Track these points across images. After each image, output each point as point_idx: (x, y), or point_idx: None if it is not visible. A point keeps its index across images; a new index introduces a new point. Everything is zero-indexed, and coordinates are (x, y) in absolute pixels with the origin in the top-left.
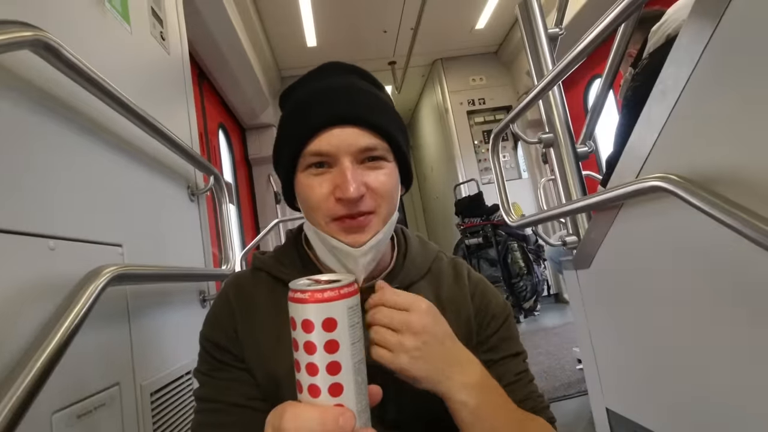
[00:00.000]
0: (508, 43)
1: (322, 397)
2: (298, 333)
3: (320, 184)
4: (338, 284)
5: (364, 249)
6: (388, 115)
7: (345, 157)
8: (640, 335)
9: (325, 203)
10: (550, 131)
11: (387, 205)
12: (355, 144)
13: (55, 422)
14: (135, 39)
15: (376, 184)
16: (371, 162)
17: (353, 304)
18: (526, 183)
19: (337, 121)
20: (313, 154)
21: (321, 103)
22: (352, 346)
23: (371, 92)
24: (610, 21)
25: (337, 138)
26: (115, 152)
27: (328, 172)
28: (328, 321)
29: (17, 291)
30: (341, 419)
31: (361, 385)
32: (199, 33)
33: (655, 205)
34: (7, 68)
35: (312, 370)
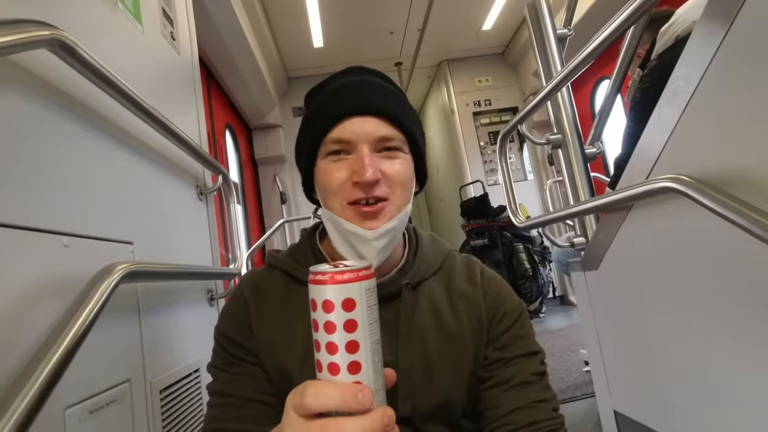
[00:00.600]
0: (514, 44)
1: (341, 374)
2: (318, 314)
3: (339, 170)
4: (356, 267)
5: (378, 231)
6: (406, 109)
7: (363, 145)
8: (648, 337)
9: (342, 187)
10: (558, 132)
11: (401, 194)
12: (373, 133)
13: (68, 417)
14: (146, 39)
15: (391, 172)
16: (388, 151)
17: (370, 286)
18: (532, 184)
19: (358, 111)
20: (334, 142)
21: (342, 96)
22: (369, 326)
23: (391, 90)
24: (622, 21)
25: (357, 126)
26: (127, 151)
27: (347, 158)
28: (348, 301)
29: (32, 286)
30: (360, 395)
31: (377, 364)
32: (207, 34)
33: (665, 206)
34: (25, 67)
35: (331, 349)
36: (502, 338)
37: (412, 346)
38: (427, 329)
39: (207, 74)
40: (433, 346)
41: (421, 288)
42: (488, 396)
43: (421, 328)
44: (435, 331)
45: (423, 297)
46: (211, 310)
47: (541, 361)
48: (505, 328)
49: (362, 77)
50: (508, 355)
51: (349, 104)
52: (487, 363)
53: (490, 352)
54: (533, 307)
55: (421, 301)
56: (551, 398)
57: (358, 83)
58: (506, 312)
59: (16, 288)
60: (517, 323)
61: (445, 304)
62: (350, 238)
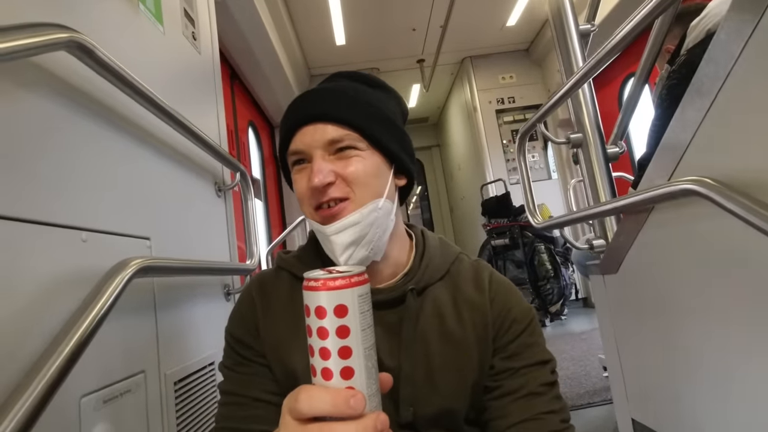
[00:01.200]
0: (539, 40)
1: (334, 380)
2: (311, 319)
3: (301, 179)
4: (349, 273)
5: (336, 226)
6: (362, 108)
7: (316, 151)
8: (668, 344)
9: (305, 194)
10: (579, 131)
11: (363, 190)
12: (322, 138)
13: (83, 405)
14: (167, 39)
15: (346, 172)
16: (342, 152)
17: (363, 292)
18: (556, 184)
19: (307, 120)
20: (292, 154)
21: (297, 108)
22: (362, 332)
23: (351, 92)
24: (645, 15)
25: (308, 135)
26: (146, 149)
27: (308, 167)
28: (340, 307)
29: (52, 279)
30: (352, 401)
31: (371, 370)
32: (230, 33)
33: (687, 209)
34: (45, 68)
35: (324, 355)
36: (509, 347)
37: (415, 351)
38: (430, 335)
39: (231, 73)
40: (436, 351)
41: (426, 293)
42: (495, 406)
43: (425, 334)
44: (438, 336)
45: (428, 302)
46: (227, 305)
47: (552, 370)
48: (513, 336)
49: (330, 83)
50: (516, 365)
51: (299, 115)
52: (493, 372)
53: (497, 361)
54: (554, 309)
55: (426, 306)
56: (560, 409)
57: (313, 91)
58: (514, 319)
59: (36, 280)
60: (526, 331)
61: (449, 310)
62: (319, 236)
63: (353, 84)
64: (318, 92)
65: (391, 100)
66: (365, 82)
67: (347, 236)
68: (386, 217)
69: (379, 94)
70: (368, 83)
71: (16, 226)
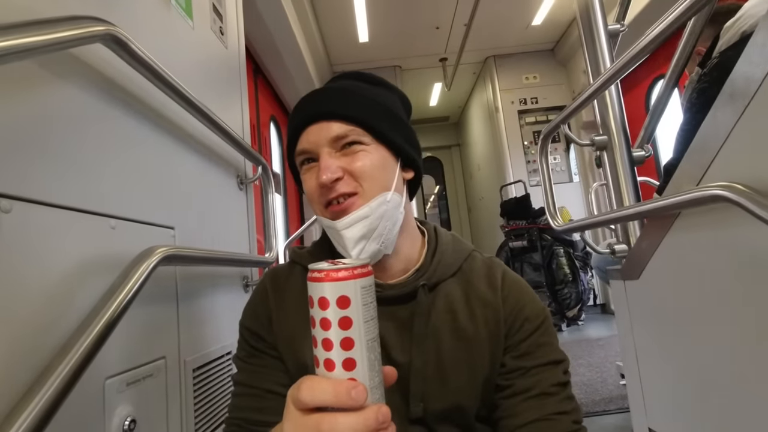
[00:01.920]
0: (565, 39)
1: (337, 371)
2: (315, 310)
3: (310, 177)
4: (352, 265)
5: (345, 221)
6: (364, 104)
7: (322, 149)
8: (690, 354)
9: (315, 194)
10: (604, 133)
11: (371, 184)
12: (327, 135)
13: (107, 386)
14: (196, 34)
15: (353, 167)
16: (349, 147)
17: (367, 284)
18: (577, 187)
19: (312, 119)
20: (300, 153)
21: (302, 108)
22: (365, 324)
23: (354, 89)
24: (678, 15)
25: (313, 134)
26: (173, 140)
27: (315, 165)
28: (342, 299)
29: (81, 264)
30: (353, 392)
31: (374, 362)
32: (256, 28)
33: (715, 216)
34: (81, 60)
35: (327, 346)
36: (521, 346)
37: (426, 346)
38: (442, 330)
39: (254, 67)
40: (447, 347)
41: (438, 289)
42: (506, 405)
43: (436, 330)
44: (449, 332)
45: (440, 298)
46: (245, 296)
47: (564, 371)
48: (526, 335)
49: (333, 83)
50: (527, 364)
51: (303, 114)
52: (505, 371)
53: (509, 359)
54: (572, 314)
55: (438, 302)
56: (572, 410)
57: (318, 92)
58: (527, 318)
59: (67, 264)
60: (539, 330)
61: (461, 307)
62: (330, 232)
63: (355, 83)
64: (321, 92)
65: (394, 95)
66: (368, 81)
67: (358, 230)
68: (395, 209)
69: (381, 90)
70: (371, 81)
71: (50, 211)
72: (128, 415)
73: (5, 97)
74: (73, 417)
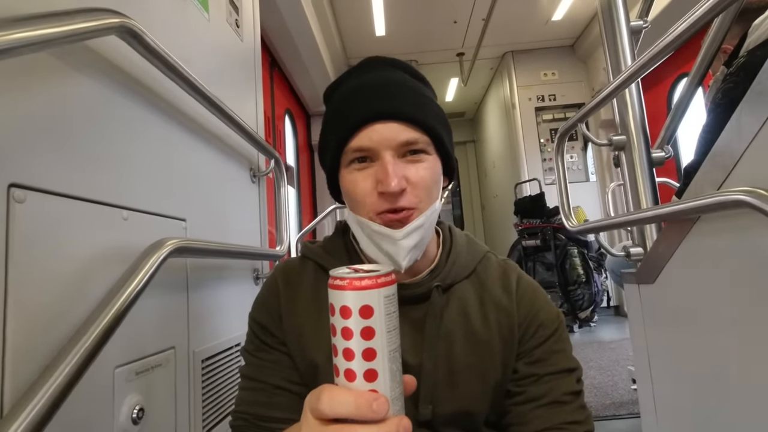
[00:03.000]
0: (586, 35)
1: (357, 382)
2: (336, 319)
3: (364, 179)
4: (376, 273)
5: (405, 230)
6: (429, 108)
7: (386, 152)
8: (705, 362)
9: (368, 198)
10: (622, 133)
11: (427, 198)
12: (395, 138)
13: (117, 375)
14: (212, 26)
15: (417, 178)
16: (412, 155)
17: (390, 293)
18: (594, 186)
19: (378, 116)
20: (355, 150)
21: (362, 100)
22: (387, 334)
23: (412, 86)
24: (705, 12)
25: (378, 133)
26: (186, 132)
27: (371, 166)
28: (365, 308)
29: (94, 254)
30: (375, 404)
31: (395, 373)
32: (272, 21)
33: (737, 221)
34: (97, 52)
35: (348, 356)
36: (535, 352)
37: (438, 348)
38: (454, 333)
39: (270, 60)
40: (459, 351)
41: (452, 291)
42: (517, 412)
43: (449, 332)
44: (462, 335)
45: (453, 300)
46: (255, 289)
47: (578, 379)
48: (539, 341)
49: (381, 72)
50: (540, 371)
51: (368, 109)
52: (517, 377)
53: (522, 366)
54: (584, 315)
55: (451, 304)
56: (584, 420)
57: (377, 83)
58: (541, 324)
59: (79, 255)
60: (553, 337)
61: (475, 310)
62: (377, 238)
63: (403, 75)
64: (381, 86)
65: (433, 94)
66: (409, 73)
67: (412, 240)
68: (436, 219)
69: (425, 87)
70: (412, 74)
71: (63, 201)
72: (137, 404)
73: (21, 88)
74: (82, 405)
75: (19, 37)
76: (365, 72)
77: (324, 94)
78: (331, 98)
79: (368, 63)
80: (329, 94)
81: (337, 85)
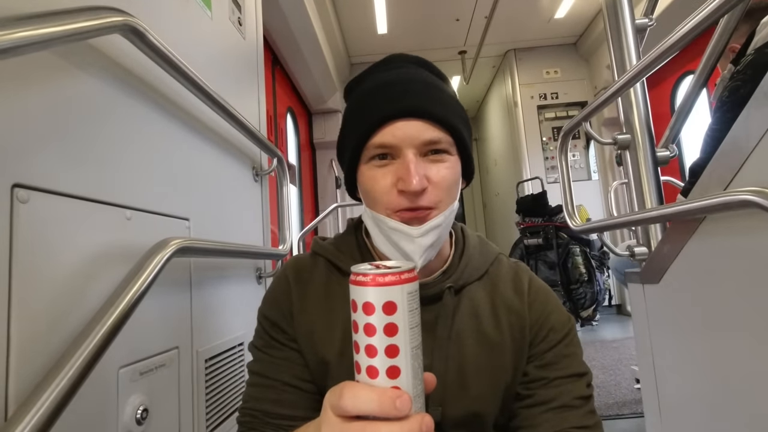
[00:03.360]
0: (589, 33)
1: (380, 378)
2: (358, 315)
3: (384, 176)
4: (399, 269)
5: (423, 228)
6: (452, 107)
7: (408, 150)
8: (710, 363)
9: (387, 195)
10: (627, 132)
11: (447, 198)
12: (418, 137)
13: (121, 376)
14: (214, 24)
15: (438, 178)
16: (434, 155)
17: (413, 289)
18: (596, 185)
19: (402, 113)
20: (377, 146)
21: (386, 96)
22: (410, 331)
23: (436, 84)
24: (712, 11)
25: (401, 131)
26: (189, 132)
27: (391, 163)
28: (388, 304)
29: (97, 254)
30: (398, 401)
31: (417, 370)
32: (274, 19)
33: (744, 222)
34: (100, 50)
35: (371, 352)
36: (545, 356)
37: (449, 350)
38: (465, 335)
39: (273, 58)
40: (470, 353)
41: (464, 293)
42: (525, 415)
43: (459, 333)
44: (473, 337)
45: (465, 302)
46: (258, 288)
47: (587, 384)
48: (550, 345)
49: (404, 69)
50: (550, 375)
51: (392, 106)
52: (527, 380)
53: (532, 369)
54: (586, 314)
55: (463, 305)
56: (594, 425)
57: (400, 80)
58: (552, 327)
59: (83, 254)
60: (564, 341)
61: (486, 312)
62: (394, 235)
63: (427, 74)
64: (406, 82)
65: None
66: (432, 72)
67: (430, 238)
68: (453, 219)
69: (447, 86)
70: (435, 73)
71: (66, 201)
72: (141, 404)
73: (24, 87)
74: (87, 405)
75: (23, 36)
76: (390, 68)
77: (345, 89)
78: (353, 93)
79: (392, 60)
80: (351, 88)
81: (359, 80)
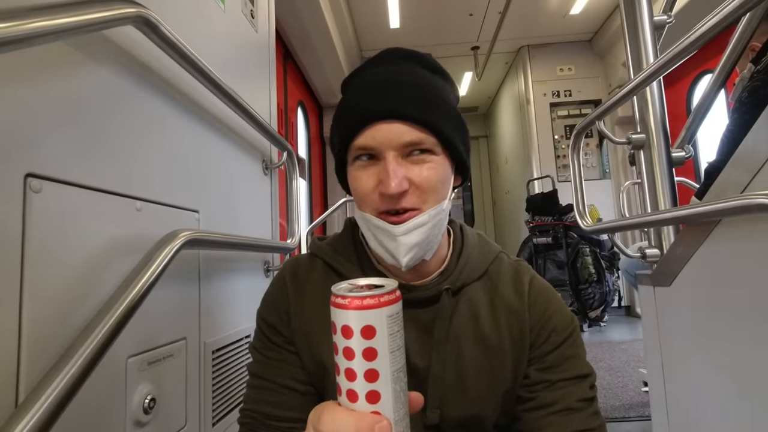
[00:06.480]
0: (605, 30)
1: (360, 403)
2: (338, 338)
3: (367, 178)
4: (379, 291)
5: (405, 227)
6: (438, 107)
7: (389, 152)
8: (721, 370)
9: (370, 197)
10: (642, 131)
11: (433, 198)
12: (398, 139)
13: (129, 365)
14: (227, 17)
15: (419, 180)
16: (418, 155)
17: (393, 312)
18: (608, 185)
19: (383, 115)
20: (359, 149)
21: (368, 97)
22: (390, 355)
23: (425, 83)
24: (734, 8)
25: (381, 133)
26: (200, 124)
27: (375, 165)
28: (367, 328)
29: (108, 244)
30: (377, 427)
31: (399, 393)
32: (287, 12)
33: (761, 226)
34: (113, 42)
35: (350, 376)
36: (547, 358)
37: (447, 352)
38: (464, 336)
39: (284, 52)
40: (468, 355)
41: (462, 293)
42: (528, 418)
43: (458, 335)
44: (471, 339)
45: (463, 303)
46: (266, 281)
47: (591, 386)
48: (552, 346)
49: (393, 67)
50: (553, 377)
51: (372, 108)
52: (529, 383)
53: (533, 371)
54: (594, 315)
55: (461, 307)
56: (597, 427)
57: (386, 78)
58: (554, 329)
59: (93, 245)
60: (566, 342)
61: (485, 313)
62: (378, 234)
63: (417, 69)
64: (390, 82)
65: (451, 87)
66: (427, 67)
67: (414, 237)
68: (446, 218)
69: (442, 82)
70: (430, 68)
71: (78, 192)
72: (148, 394)
73: (38, 77)
74: (95, 394)
75: (37, 26)
76: (377, 65)
77: (342, 84)
78: (346, 90)
79: (384, 56)
80: (345, 85)
81: (352, 76)
